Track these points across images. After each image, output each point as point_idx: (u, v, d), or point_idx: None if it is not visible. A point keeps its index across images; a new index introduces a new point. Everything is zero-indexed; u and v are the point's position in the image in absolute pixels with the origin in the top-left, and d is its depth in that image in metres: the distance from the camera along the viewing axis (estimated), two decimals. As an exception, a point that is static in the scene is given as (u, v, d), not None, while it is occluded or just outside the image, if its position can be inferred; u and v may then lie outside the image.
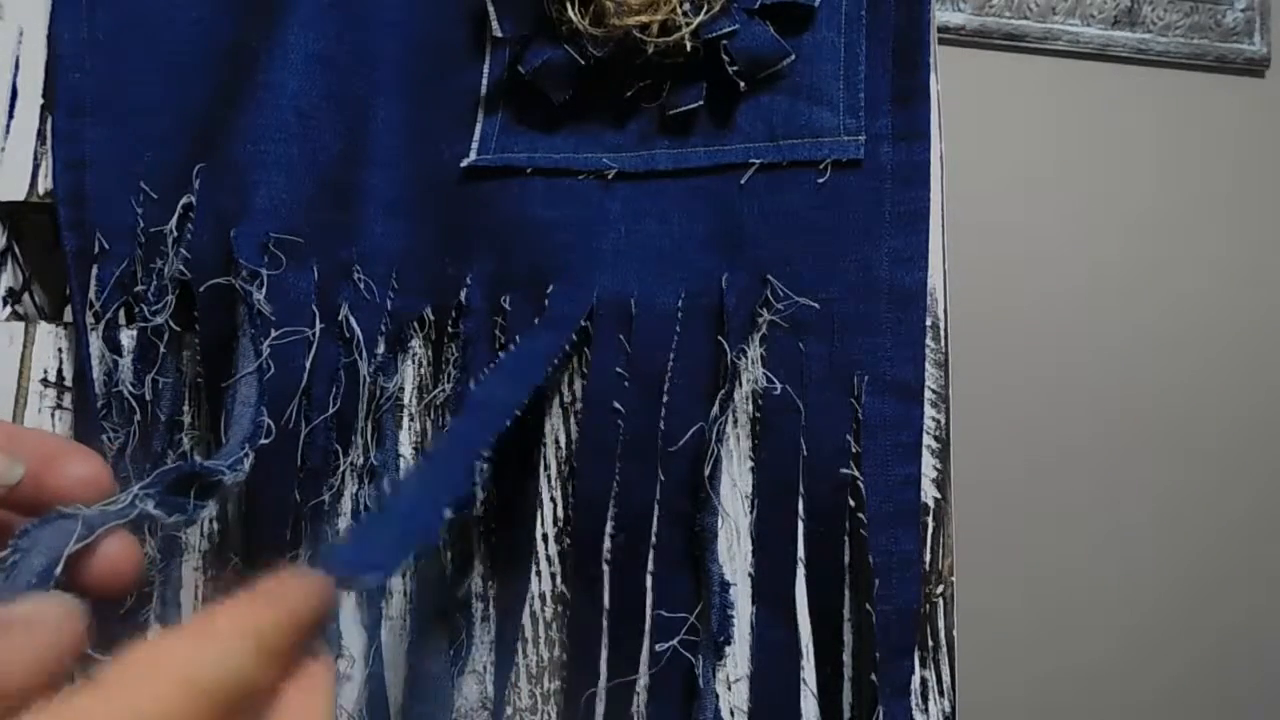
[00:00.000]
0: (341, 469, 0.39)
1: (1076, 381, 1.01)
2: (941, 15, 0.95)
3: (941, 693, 0.38)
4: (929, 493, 0.39)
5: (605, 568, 0.39)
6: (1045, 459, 1.00)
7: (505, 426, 0.34)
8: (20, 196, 0.41)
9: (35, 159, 0.42)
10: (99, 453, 0.38)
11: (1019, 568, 1.00)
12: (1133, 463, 1.02)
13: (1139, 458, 1.02)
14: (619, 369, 0.39)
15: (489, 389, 0.36)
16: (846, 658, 0.38)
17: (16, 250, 0.43)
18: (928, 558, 0.39)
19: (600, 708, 0.38)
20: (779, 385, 0.38)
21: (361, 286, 0.40)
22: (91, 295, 0.40)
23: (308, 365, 0.38)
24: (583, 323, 0.39)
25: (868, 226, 0.39)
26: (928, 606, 0.38)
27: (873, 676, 0.37)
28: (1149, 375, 1.02)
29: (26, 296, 0.43)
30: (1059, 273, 1.01)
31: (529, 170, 0.41)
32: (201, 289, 0.38)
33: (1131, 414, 1.02)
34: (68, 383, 0.40)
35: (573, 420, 0.40)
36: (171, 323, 0.39)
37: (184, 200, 0.39)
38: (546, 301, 0.40)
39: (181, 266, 0.39)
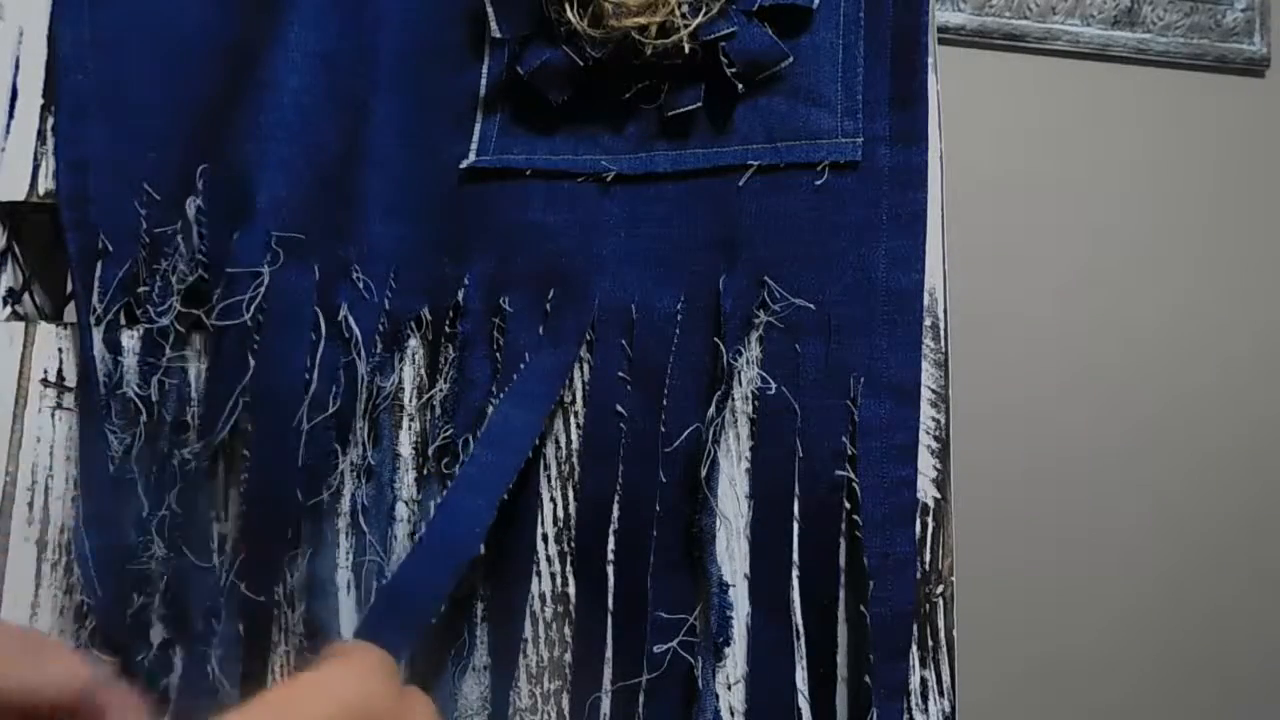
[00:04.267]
0: (340, 468, 0.39)
1: (1076, 381, 1.01)
2: (941, 15, 0.95)
3: (941, 693, 0.38)
4: (929, 492, 0.39)
5: (609, 569, 0.39)
6: (1045, 459, 1.00)
7: (523, 464, 0.37)
8: (20, 196, 0.41)
9: (35, 159, 0.42)
10: (104, 454, 0.39)
11: (1019, 568, 1.00)
12: (1132, 462, 1.02)
13: (1139, 457, 1.02)
14: (621, 373, 0.39)
15: (504, 418, 0.38)
16: (841, 659, 0.38)
17: (16, 250, 0.43)
18: (927, 557, 0.39)
19: (606, 709, 0.38)
20: (774, 386, 0.38)
21: (360, 286, 0.40)
22: (94, 296, 0.40)
23: (309, 364, 0.38)
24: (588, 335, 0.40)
25: (865, 228, 0.39)
26: (927, 606, 0.38)
27: (867, 678, 0.37)
28: (1149, 375, 1.02)
29: (26, 296, 0.44)
30: (1059, 273, 1.01)
31: (528, 172, 0.41)
32: (213, 290, 0.38)
33: (1131, 413, 1.02)
34: (68, 383, 0.40)
35: (572, 422, 0.40)
36: (176, 324, 0.39)
37: (193, 204, 0.39)
38: (548, 307, 0.40)
39: (185, 269, 0.39)
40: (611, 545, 0.39)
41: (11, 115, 0.42)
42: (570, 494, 0.40)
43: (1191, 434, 1.02)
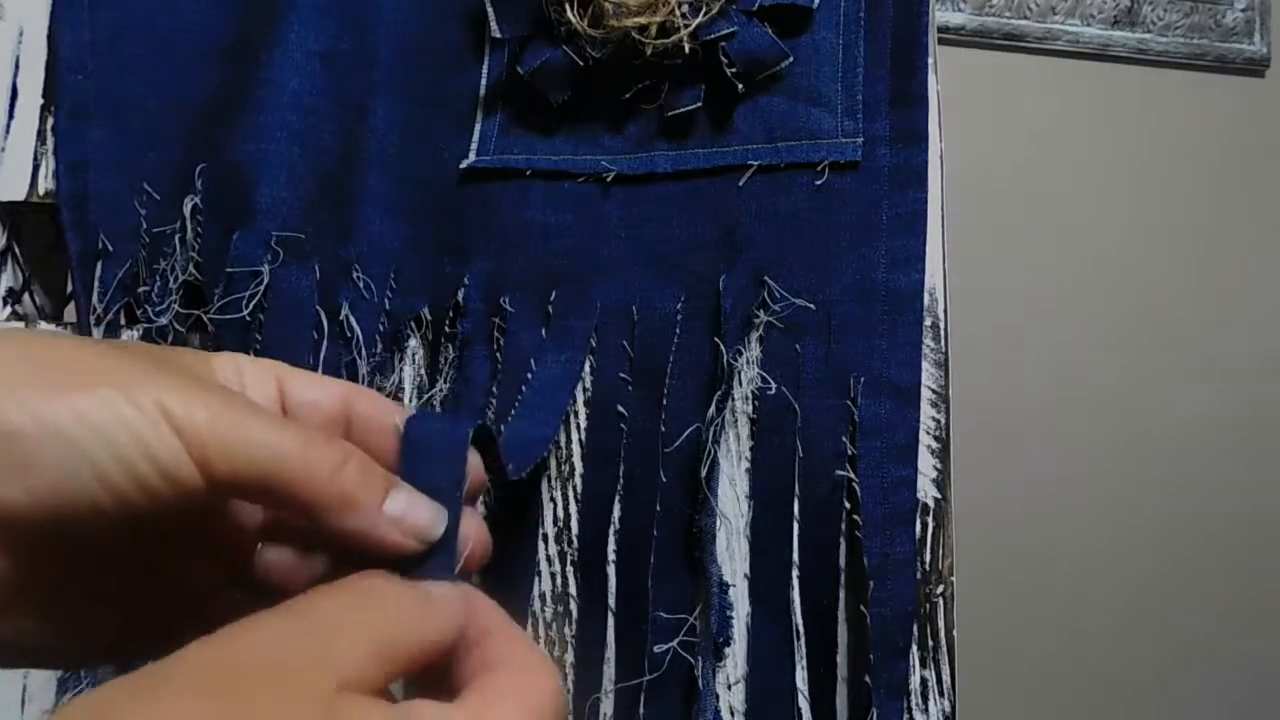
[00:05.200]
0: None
1: (1076, 381, 1.01)
2: (941, 15, 0.95)
3: (941, 693, 0.38)
4: (929, 492, 0.39)
5: (610, 569, 0.39)
6: (1045, 458, 1.00)
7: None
8: (20, 196, 0.41)
9: (35, 159, 0.42)
10: None
11: (1019, 568, 1.00)
12: (1132, 462, 1.02)
13: (1139, 457, 1.02)
14: (621, 374, 0.39)
15: (519, 430, 0.37)
16: (841, 659, 0.38)
17: (16, 250, 0.43)
18: (928, 557, 0.39)
19: (608, 709, 0.38)
20: (774, 386, 0.38)
21: (360, 285, 0.40)
22: (94, 296, 0.40)
23: (313, 363, 0.38)
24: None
25: (864, 228, 0.39)
26: (927, 606, 0.38)
27: (867, 678, 0.37)
28: (1149, 374, 1.02)
29: (26, 296, 0.43)
30: (1059, 272, 1.01)
31: (528, 172, 0.41)
32: (211, 289, 0.38)
33: (1131, 413, 1.02)
34: (68, 383, 0.40)
35: (573, 422, 0.40)
36: (175, 324, 0.39)
37: (190, 202, 0.39)
38: (550, 309, 0.40)
39: (192, 270, 0.39)
40: (612, 545, 0.39)
41: (11, 115, 0.42)
42: (570, 494, 0.40)
43: (1191, 433, 1.02)
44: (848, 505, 0.38)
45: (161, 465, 0.20)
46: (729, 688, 0.38)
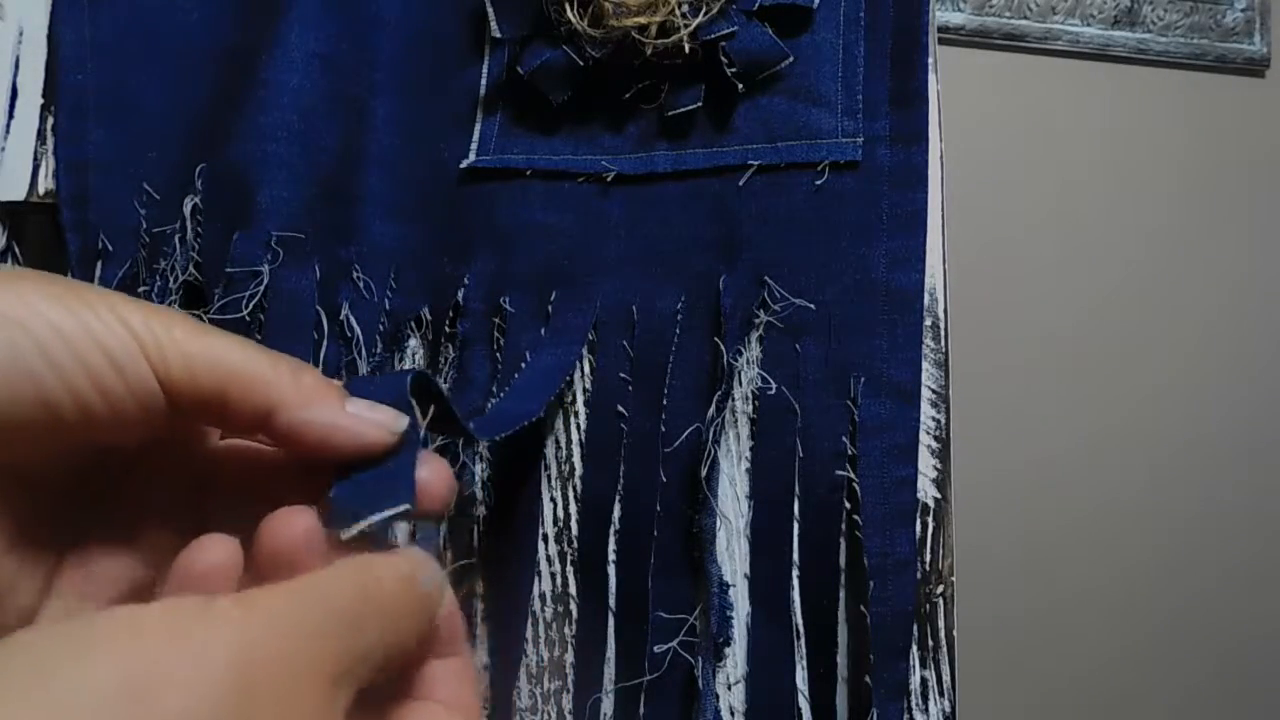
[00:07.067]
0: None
1: (1076, 380, 1.01)
2: (941, 15, 0.95)
3: (941, 693, 0.38)
4: (929, 492, 0.39)
5: (610, 569, 0.39)
6: (1045, 459, 1.00)
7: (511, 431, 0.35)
8: (20, 196, 0.41)
9: (35, 159, 0.42)
10: None
11: (1019, 568, 1.00)
12: (1132, 462, 1.02)
13: (1139, 456, 1.02)
14: (622, 374, 0.39)
15: (499, 411, 0.37)
16: (841, 659, 0.38)
17: (16, 250, 0.43)
18: (928, 557, 0.39)
19: (608, 709, 0.38)
20: (774, 386, 0.39)
21: (361, 286, 0.40)
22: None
23: (314, 364, 0.38)
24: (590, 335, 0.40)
25: (865, 228, 0.39)
26: (928, 606, 0.38)
27: (867, 678, 0.37)
28: (1149, 374, 1.02)
29: (27, 297, 0.43)
30: (1059, 272, 1.01)
31: (528, 172, 0.41)
32: (211, 290, 0.38)
33: (1131, 413, 1.02)
34: (68, 383, 0.40)
35: (573, 422, 0.40)
36: None
37: (190, 202, 0.40)
38: (550, 309, 0.40)
39: (192, 270, 0.39)
40: (612, 545, 0.39)
41: (11, 115, 0.42)
42: (570, 494, 0.40)
43: (1191, 433, 1.02)
44: (848, 505, 0.38)
45: (115, 359, 0.19)
46: (729, 688, 0.38)
